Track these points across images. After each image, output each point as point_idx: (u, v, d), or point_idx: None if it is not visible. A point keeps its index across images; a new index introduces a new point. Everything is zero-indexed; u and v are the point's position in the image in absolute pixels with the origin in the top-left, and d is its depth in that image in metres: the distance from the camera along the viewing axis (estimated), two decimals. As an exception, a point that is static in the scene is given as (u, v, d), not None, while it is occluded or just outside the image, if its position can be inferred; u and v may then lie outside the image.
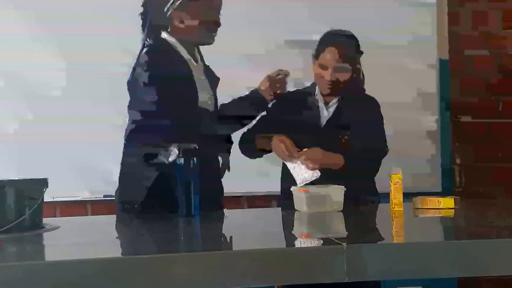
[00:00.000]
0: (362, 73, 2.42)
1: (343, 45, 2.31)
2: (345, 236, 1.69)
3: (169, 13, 2.15)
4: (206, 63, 2.26)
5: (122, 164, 2.20)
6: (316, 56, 2.34)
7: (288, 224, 1.90)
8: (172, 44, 2.19)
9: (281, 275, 1.29)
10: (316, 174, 2.12)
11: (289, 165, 2.20)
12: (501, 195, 3.22)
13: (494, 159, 3.23)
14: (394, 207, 1.96)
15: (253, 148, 2.37)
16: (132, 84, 2.16)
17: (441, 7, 3.15)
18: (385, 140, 2.39)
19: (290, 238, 1.68)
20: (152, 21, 2.19)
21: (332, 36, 2.36)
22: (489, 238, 1.48)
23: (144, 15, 2.21)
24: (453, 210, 1.98)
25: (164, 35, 2.20)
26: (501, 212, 2.15)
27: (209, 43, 2.23)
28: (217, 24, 2.20)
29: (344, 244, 1.30)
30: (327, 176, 2.15)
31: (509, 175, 3.23)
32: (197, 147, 2.01)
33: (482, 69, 3.24)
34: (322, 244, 1.45)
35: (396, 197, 1.96)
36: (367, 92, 2.42)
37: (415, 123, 3.11)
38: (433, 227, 1.82)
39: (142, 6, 2.20)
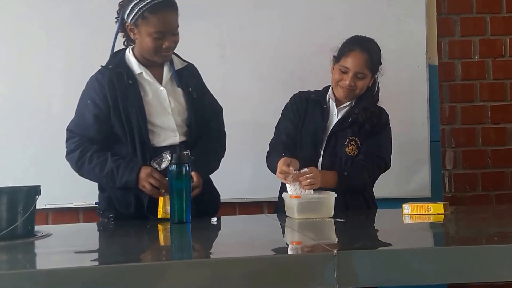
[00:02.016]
0: (378, 84, 2.45)
1: (368, 51, 2.33)
2: (336, 242, 1.70)
3: (128, 27, 2.13)
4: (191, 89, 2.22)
5: None
6: (338, 59, 2.35)
7: (279, 231, 1.91)
8: (129, 64, 2.18)
9: (272, 282, 1.29)
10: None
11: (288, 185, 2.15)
12: (490, 201, 3.25)
13: (483, 165, 3.25)
14: None
15: (272, 170, 2.32)
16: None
17: (430, 13, 3.18)
18: (390, 154, 2.42)
19: (280, 245, 1.68)
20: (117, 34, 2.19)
21: (358, 41, 2.36)
22: (479, 244, 1.49)
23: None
24: (443, 216, 1.99)
25: (127, 52, 2.20)
26: (490, 218, 2.17)
27: (162, 61, 2.18)
28: (169, 42, 2.11)
29: (335, 250, 1.31)
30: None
31: (498, 181, 3.25)
32: (189, 154, 2.02)
33: (471, 75, 3.26)
34: (313, 251, 1.46)
35: None
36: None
37: (405, 128, 3.11)
38: (423, 233, 1.83)
39: (117, 12, 2.18)
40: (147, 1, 2.06)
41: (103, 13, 2.94)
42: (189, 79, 2.24)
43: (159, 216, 2.02)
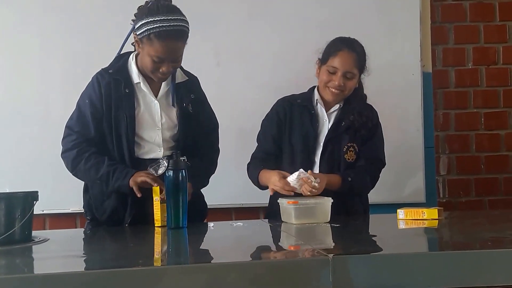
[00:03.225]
0: (362, 83, 2.43)
1: (355, 51, 2.32)
2: (332, 247, 1.71)
3: (135, 38, 2.13)
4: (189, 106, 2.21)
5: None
6: (324, 60, 2.33)
7: (275, 236, 1.92)
8: (129, 72, 2.18)
9: (268, 287, 1.30)
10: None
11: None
12: (484, 206, 3.27)
13: (477, 171, 3.28)
14: None
15: (257, 185, 2.36)
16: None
17: (424, 22, 3.20)
18: (384, 151, 2.43)
19: (277, 250, 1.69)
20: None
21: (344, 41, 2.35)
22: (472, 249, 1.50)
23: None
24: (437, 221, 2.00)
25: (130, 58, 2.21)
26: (484, 223, 2.18)
27: (158, 81, 2.17)
28: (166, 68, 2.10)
29: (330, 255, 1.32)
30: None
31: (492, 187, 3.27)
32: (186, 160, 2.03)
33: (464, 82, 3.29)
34: (308, 256, 1.46)
35: None
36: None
37: (399, 135, 3.13)
38: (417, 238, 1.84)
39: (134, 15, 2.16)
40: (157, 25, 2.03)
41: (99, 20, 2.98)
42: (186, 94, 2.22)
43: (159, 224, 2.01)
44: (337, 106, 2.38)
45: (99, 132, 2.15)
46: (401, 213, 2.07)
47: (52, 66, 3.01)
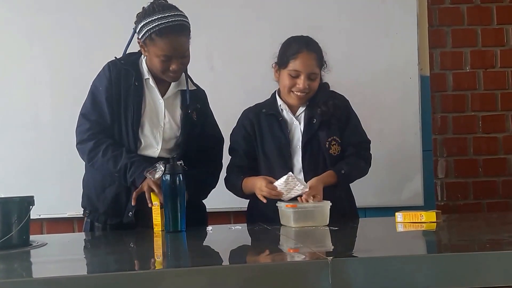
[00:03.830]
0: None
1: (314, 50, 2.26)
2: (331, 250, 1.71)
3: (139, 43, 2.14)
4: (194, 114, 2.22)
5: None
6: (284, 63, 2.26)
7: (274, 239, 1.92)
8: (140, 68, 2.19)
9: (267, 289, 1.30)
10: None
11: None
12: (482, 209, 3.27)
13: (474, 174, 3.28)
14: None
15: (241, 195, 2.32)
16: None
17: (422, 25, 3.22)
18: (363, 128, 2.38)
19: (276, 253, 1.69)
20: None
21: (301, 41, 2.28)
22: (471, 251, 1.50)
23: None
24: (435, 224, 2.00)
25: (142, 57, 2.21)
26: (482, 225, 2.19)
27: (171, 81, 2.18)
28: (176, 65, 2.11)
29: (329, 258, 1.32)
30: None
31: (490, 190, 3.28)
32: (183, 164, 2.03)
33: (462, 86, 3.30)
34: (307, 259, 1.47)
35: None
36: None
37: (397, 138, 3.14)
38: (416, 240, 1.85)
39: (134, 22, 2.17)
40: (155, 23, 2.05)
41: (90, 24, 2.98)
42: (193, 102, 2.23)
43: (159, 229, 2.00)
44: (303, 107, 2.33)
45: (113, 118, 2.13)
46: (399, 216, 2.07)
47: (42, 71, 3.00)
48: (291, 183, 2.10)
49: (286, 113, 2.33)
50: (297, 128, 2.32)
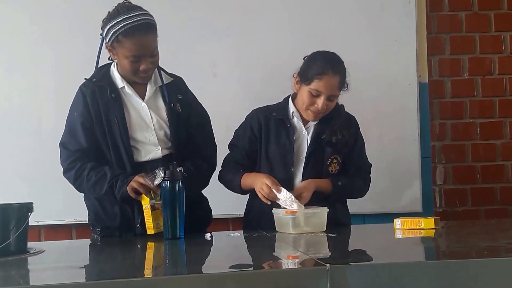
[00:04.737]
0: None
1: (339, 73, 2.24)
2: (328, 256, 1.71)
3: (107, 48, 2.14)
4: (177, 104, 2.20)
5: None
6: (307, 80, 2.23)
7: (272, 246, 1.92)
8: (113, 78, 2.19)
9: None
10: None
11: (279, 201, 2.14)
12: (480, 215, 3.27)
13: (473, 180, 3.28)
14: None
15: (237, 189, 2.30)
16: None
17: (421, 32, 3.23)
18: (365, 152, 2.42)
19: (274, 260, 1.69)
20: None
21: (329, 60, 2.25)
22: (469, 258, 1.51)
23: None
24: (434, 230, 2.01)
25: (112, 67, 2.21)
26: (480, 232, 2.19)
27: (142, 81, 2.17)
28: (146, 65, 2.10)
29: (328, 265, 1.32)
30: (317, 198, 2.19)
31: (488, 196, 3.28)
32: (182, 170, 2.03)
33: (460, 93, 3.31)
34: (306, 265, 1.47)
35: None
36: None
37: (396, 145, 3.15)
38: (414, 247, 1.85)
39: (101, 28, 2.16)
40: (121, 24, 2.05)
41: (92, 30, 2.98)
42: (174, 94, 2.22)
43: (151, 232, 2.00)
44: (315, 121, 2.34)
45: (91, 142, 2.14)
46: (398, 222, 2.07)
47: (45, 77, 3.01)
48: (291, 200, 2.10)
49: (297, 121, 2.34)
50: (305, 138, 2.32)
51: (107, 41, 2.11)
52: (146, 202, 2.02)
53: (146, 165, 2.14)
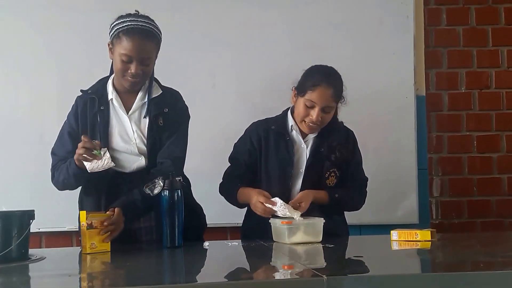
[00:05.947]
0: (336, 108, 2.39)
1: (333, 85, 2.26)
2: (326, 268, 1.72)
3: (109, 46, 2.16)
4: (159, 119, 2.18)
5: None
6: (302, 92, 2.27)
7: (270, 256, 1.93)
8: (106, 90, 2.22)
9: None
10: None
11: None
12: (476, 228, 3.29)
13: (469, 193, 3.31)
14: None
15: (234, 203, 2.36)
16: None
17: (419, 46, 3.26)
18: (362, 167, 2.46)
19: (271, 270, 1.70)
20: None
21: (323, 72, 2.29)
22: (465, 271, 1.52)
23: None
24: (430, 242, 2.02)
25: (110, 79, 2.25)
26: (476, 245, 2.20)
27: (128, 86, 2.17)
28: (135, 69, 2.11)
29: (324, 276, 1.33)
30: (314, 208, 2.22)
31: (484, 209, 3.30)
32: (181, 180, 2.05)
33: (457, 106, 3.33)
34: (303, 276, 1.47)
35: None
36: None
37: (393, 156, 3.16)
38: (410, 259, 1.86)
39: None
40: (126, 23, 2.10)
41: (95, 40, 3.00)
42: (159, 108, 2.20)
43: (85, 251, 1.87)
44: (314, 134, 2.37)
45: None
46: (394, 234, 2.09)
47: (48, 88, 3.04)
48: (286, 209, 2.12)
49: (296, 134, 2.36)
50: (304, 151, 2.35)
51: (109, 38, 2.15)
52: (83, 220, 1.88)
53: (131, 175, 2.16)
